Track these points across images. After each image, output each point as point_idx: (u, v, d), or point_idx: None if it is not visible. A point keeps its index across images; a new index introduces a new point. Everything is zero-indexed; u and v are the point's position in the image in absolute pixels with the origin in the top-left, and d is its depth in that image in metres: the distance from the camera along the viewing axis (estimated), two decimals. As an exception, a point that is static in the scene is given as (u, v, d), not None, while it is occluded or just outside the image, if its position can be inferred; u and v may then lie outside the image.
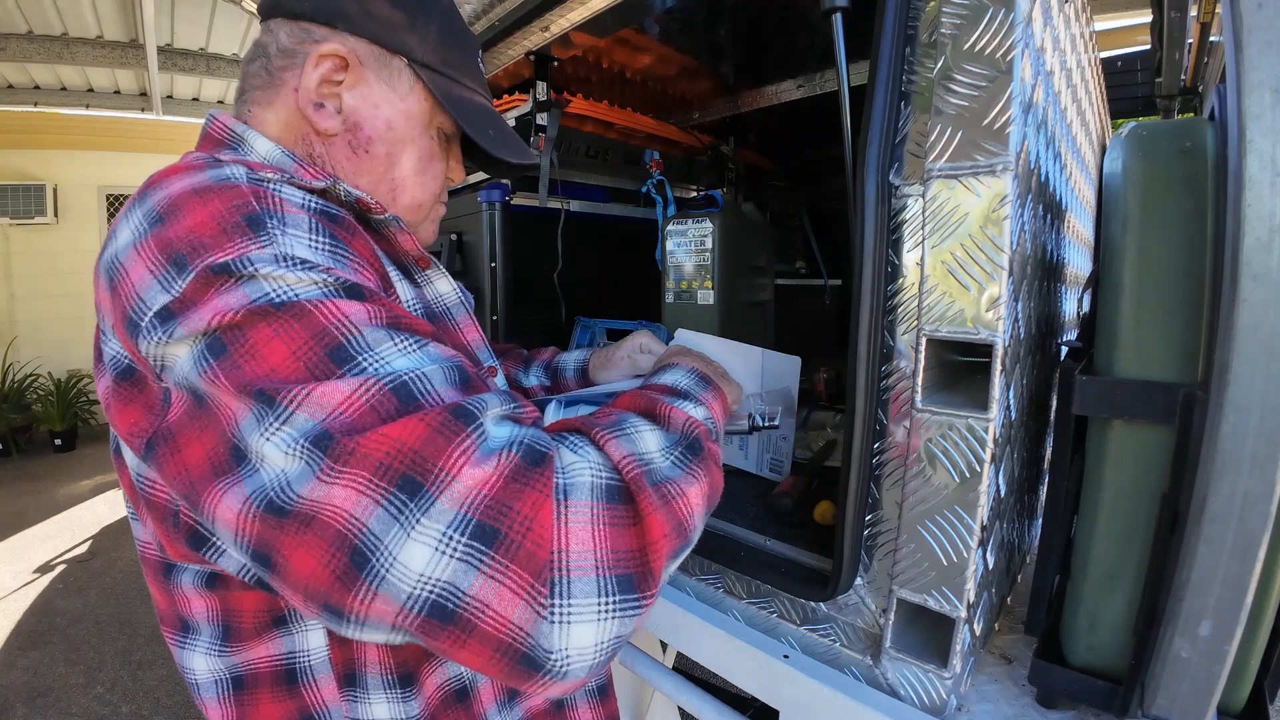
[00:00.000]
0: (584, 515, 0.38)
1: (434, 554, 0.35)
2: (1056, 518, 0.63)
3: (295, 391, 0.37)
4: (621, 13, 1.02)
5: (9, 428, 4.85)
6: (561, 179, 1.49)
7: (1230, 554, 0.44)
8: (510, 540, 0.36)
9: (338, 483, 0.36)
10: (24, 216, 5.22)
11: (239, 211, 0.42)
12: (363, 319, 0.41)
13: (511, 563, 0.36)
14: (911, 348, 0.58)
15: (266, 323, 0.39)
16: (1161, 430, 0.52)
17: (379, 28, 0.57)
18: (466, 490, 0.36)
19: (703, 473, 0.47)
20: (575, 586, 0.37)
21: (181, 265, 0.40)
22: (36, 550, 3.30)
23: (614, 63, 1.43)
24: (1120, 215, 0.55)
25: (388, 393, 0.38)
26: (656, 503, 0.41)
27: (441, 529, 0.35)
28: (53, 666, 2.34)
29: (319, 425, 0.36)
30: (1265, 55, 0.40)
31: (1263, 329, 0.41)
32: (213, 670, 0.53)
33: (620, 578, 0.38)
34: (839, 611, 0.67)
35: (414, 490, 0.36)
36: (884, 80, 0.57)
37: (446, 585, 0.35)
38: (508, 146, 0.65)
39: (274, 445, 0.37)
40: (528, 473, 0.38)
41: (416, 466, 0.36)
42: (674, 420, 0.50)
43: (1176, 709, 0.48)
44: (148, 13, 3.24)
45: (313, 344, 0.38)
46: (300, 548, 0.36)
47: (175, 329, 0.40)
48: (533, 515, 0.37)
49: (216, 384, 0.38)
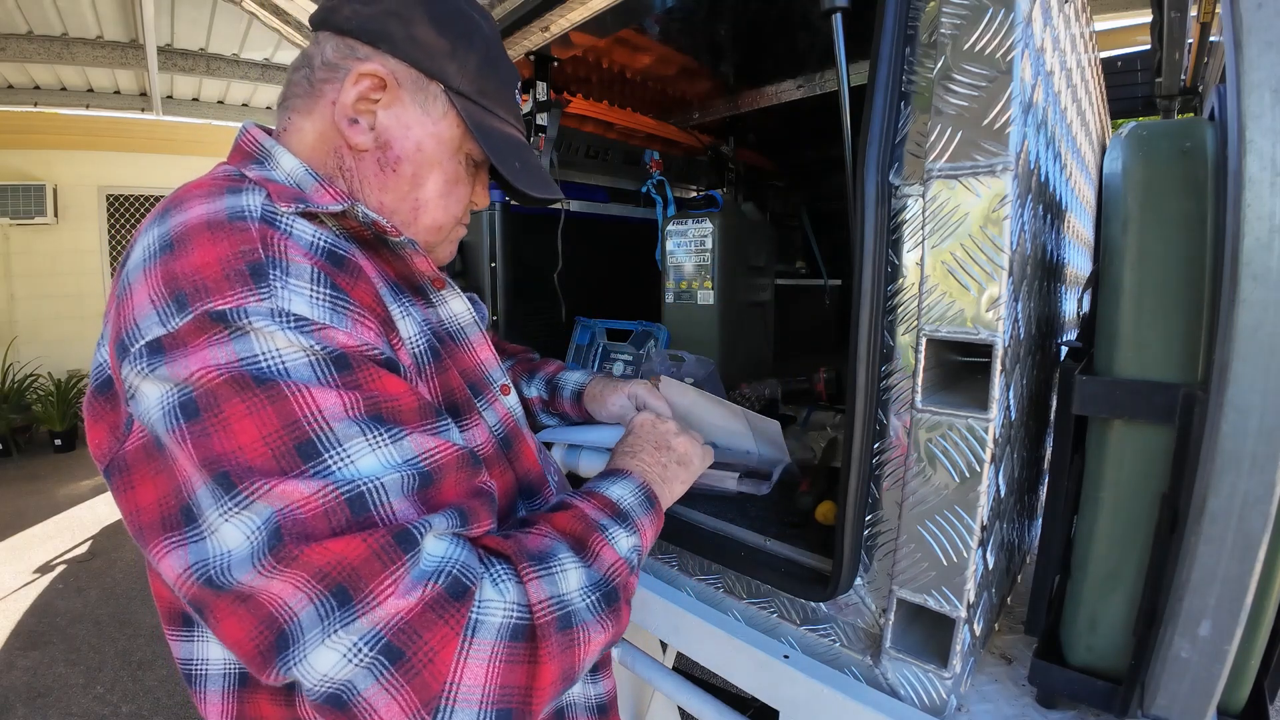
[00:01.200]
0: (484, 653, 0.42)
1: (341, 660, 0.39)
2: (1056, 518, 0.63)
3: (259, 483, 0.39)
4: (621, 13, 1.02)
5: (9, 428, 4.85)
6: (561, 179, 1.49)
7: (1230, 554, 0.44)
8: (412, 666, 0.39)
9: (276, 578, 0.39)
10: (24, 217, 5.22)
11: (245, 258, 0.44)
12: (337, 411, 0.42)
13: (408, 684, 0.39)
14: (911, 348, 0.58)
15: (242, 397, 0.41)
16: (1161, 430, 0.52)
17: (420, 53, 0.59)
18: (386, 616, 0.39)
19: (611, 623, 0.50)
20: (457, 716, 0.40)
21: (182, 304, 0.42)
22: (36, 550, 3.30)
23: (614, 63, 1.43)
24: (1120, 215, 0.55)
25: (343, 502, 0.40)
26: (556, 652, 0.44)
27: (354, 641, 0.39)
28: (53, 666, 2.34)
29: (275, 519, 0.39)
30: (1265, 55, 0.40)
31: (1263, 329, 0.41)
32: (225, 660, 0.54)
33: (500, 711, 0.42)
34: (839, 611, 0.67)
35: (343, 600, 0.39)
36: (884, 80, 0.57)
37: (346, 684, 0.39)
38: (532, 180, 0.66)
39: (230, 526, 0.40)
40: (445, 606, 0.41)
41: (350, 581, 0.39)
42: (602, 559, 0.52)
43: (1176, 709, 0.48)
44: (148, 13, 3.24)
45: (283, 433, 0.41)
46: (232, 617, 0.40)
47: (160, 365, 0.42)
48: (438, 649, 0.40)
49: (182, 445, 0.41)
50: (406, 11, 0.59)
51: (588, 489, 0.61)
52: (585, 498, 0.58)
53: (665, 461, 0.68)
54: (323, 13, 0.61)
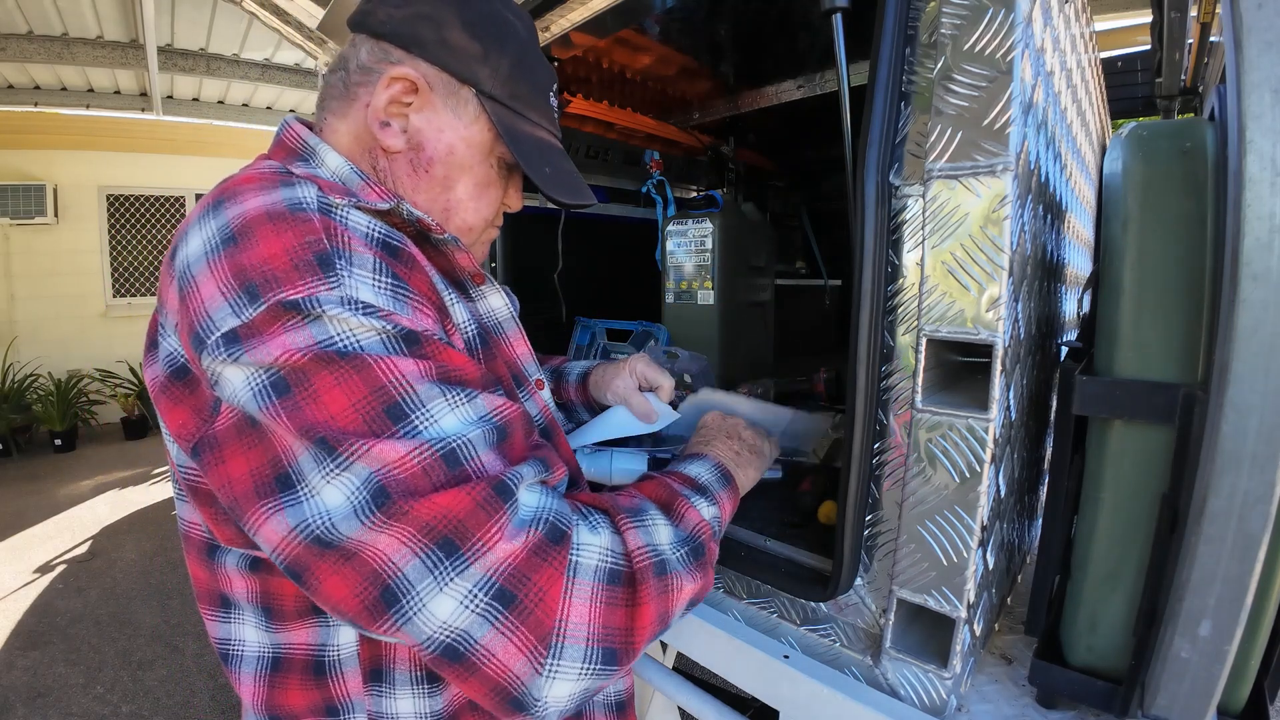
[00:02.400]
0: (585, 593, 0.45)
1: (459, 607, 0.42)
2: (1056, 518, 0.63)
3: (357, 445, 0.42)
4: (622, 13, 1.02)
5: (9, 428, 4.85)
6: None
7: (1230, 554, 0.44)
8: (525, 607, 0.43)
9: (384, 532, 0.41)
10: (24, 217, 5.22)
11: (311, 249, 0.45)
12: (416, 376, 0.45)
13: (522, 625, 0.43)
14: (911, 348, 0.58)
15: (329, 370, 0.43)
16: (1161, 430, 0.52)
17: (452, 57, 0.59)
18: (497, 561, 0.42)
19: (700, 575, 0.53)
20: (567, 651, 0.44)
21: (254, 295, 0.44)
22: (36, 550, 3.30)
23: (614, 63, 1.43)
24: (1120, 215, 0.55)
25: (439, 459, 0.43)
26: (654, 594, 0.48)
27: (470, 588, 0.42)
28: (53, 666, 2.34)
29: (376, 479, 0.41)
30: (1265, 55, 0.40)
31: (1263, 329, 0.41)
32: (260, 644, 0.55)
33: (605, 650, 0.45)
34: (839, 612, 0.67)
35: (452, 551, 0.41)
36: (884, 80, 0.57)
37: (462, 633, 0.42)
38: (562, 185, 0.66)
39: (333, 487, 0.42)
40: (548, 549, 0.44)
41: (458, 533, 0.42)
42: (687, 520, 0.56)
43: (1176, 709, 0.48)
44: (148, 13, 3.24)
45: (371, 399, 0.43)
46: (335, 575, 0.42)
47: (241, 354, 0.43)
48: (546, 588, 0.43)
49: (277, 419, 0.42)
50: (439, 15, 0.59)
51: (668, 469, 0.64)
52: (666, 474, 0.62)
53: (738, 449, 0.71)
54: (359, 15, 0.61)
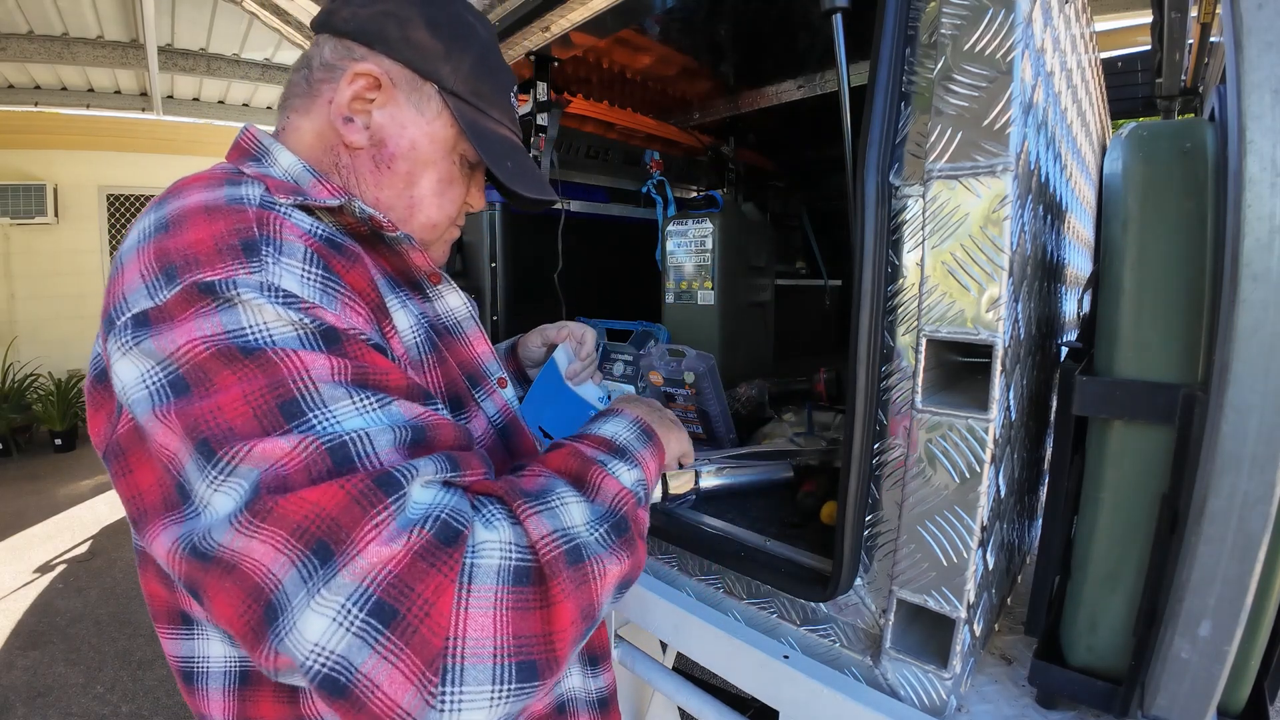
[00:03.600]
0: (486, 600, 0.38)
1: (331, 624, 0.35)
2: (1056, 518, 0.63)
3: (238, 447, 0.38)
4: (622, 13, 1.02)
5: (9, 428, 4.85)
6: (562, 179, 1.49)
7: (1230, 554, 0.44)
8: (407, 623, 0.36)
9: (255, 537, 0.36)
10: (24, 216, 5.22)
11: (238, 235, 0.43)
12: (325, 373, 0.41)
13: (406, 646, 0.35)
14: (911, 348, 0.58)
15: (231, 369, 0.39)
16: (1161, 431, 0.52)
17: (415, 54, 0.60)
18: (370, 567, 0.36)
19: (626, 554, 0.46)
20: (468, 674, 0.36)
21: (171, 276, 0.42)
22: (36, 550, 3.30)
23: (614, 63, 1.43)
24: (1120, 216, 0.55)
25: (324, 452, 0.38)
26: (570, 588, 0.40)
27: (341, 602, 0.35)
28: (53, 666, 2.34)
29: (260, 479, 0.37)
30: (1265, 56, 0.40)
31: (1263, 330, 0.41)
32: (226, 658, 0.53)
33: (521, 664, 0.38)
34: (839, 612, 0.67)
35: (325, 557, 0.36)
36: (884, 81, 0.57)
37: (340, 659, 0.35)
38: (524, 180, 0.66)
39: (220, 495, 0.38)
40: (436, 553, 0.37)
41: (331, 534, 0.36)
42: (604, 491, 0.49)
43: (1176, 709, 0.48)
44: (148, 13, 3.24)
45: (267, 393, 0.39)
46: (222, 593, 0.37)
47: (145, 340, 0.41)
48: (433, 600, 0.36)
49: (165, 420, 0.40)
50: (402, 14, 0.60)
51: (579, 432, 0.58)
52: (577, 438, 0.55)
53: (661, 415, 0.66)
54: (323, 15, 0.62)
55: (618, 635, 0.91)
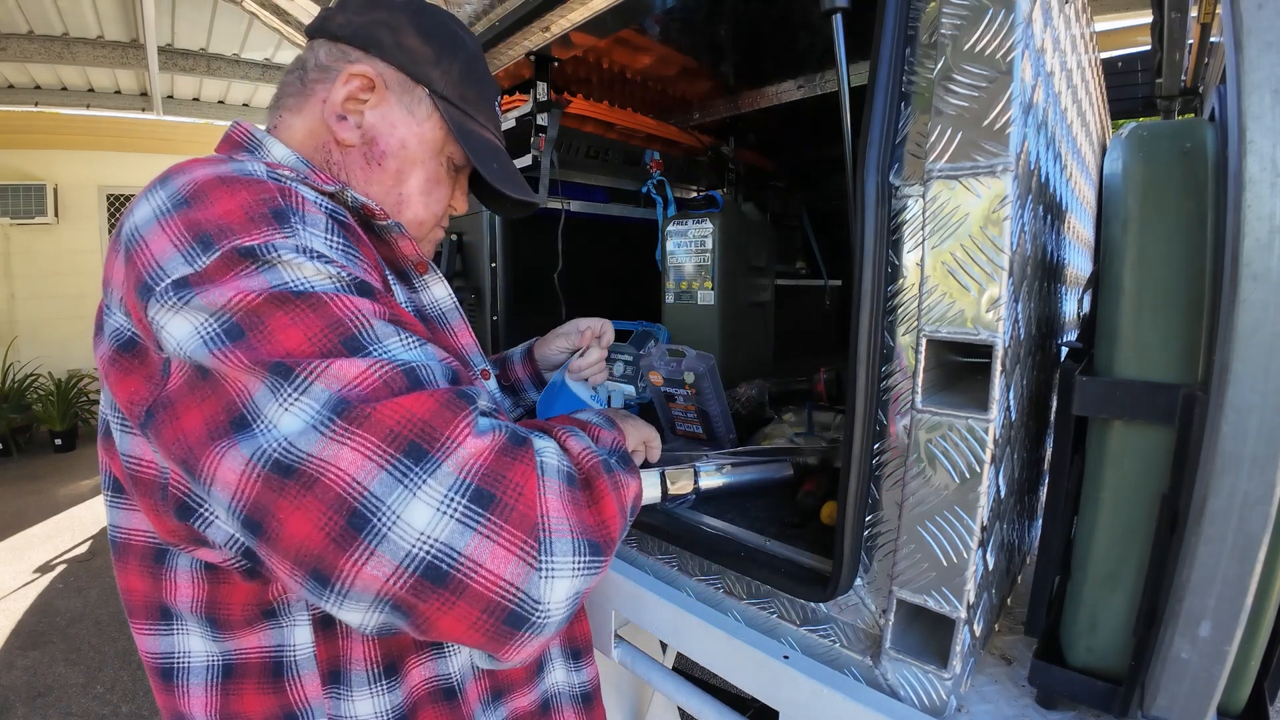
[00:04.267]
0: (556, 490, 0.44)
1: (436, 513, 0.38)
2: (1056, 518, 0.63)
3: (314, 365, 0.40)
4: (622, 13, 1.02)
5: (9, 428, 4.85)
6: (562, 179, 1.49)
7: (1230, 555, 0.44)
8: (505, 504, 0.40)
9: (347, 444, 0.38)
10: (24, 216, 5.23)
11: (266, 204, 0.45)
12: (371, 313, 0.44)
13: (506, 523, 0.40)
14: (911, 348, 0.58)
15: (284, 311, 0.41)
16: (1161, 431, 0.52)
17: (407, 59, 0.63)
18: (468, 458, 0.40)
19: (633, 477, 0.52)
20: (557, 545, 0.42)
21: (208, 244, 0.43)
22: (36, 550, 3.30)
23: (614, 63, 1.43)
24: (1120, 216, 0.55)
25: (399, 373, 0.42)
26: (608, 489, 0.47)
27: (445, 491, 0.39)
28: (53, 666, 2.34)
29: (335, 394, 0.39)
30: (1265, 56, 0.40)
31: (1263, 330, 0.41)
32: (208, 653, 0.54)
33: (590, 542, 0.44)
34: (839, 612, 0.67)
35: (420, 456, 0.39)
36: (884, 81, 0.57)
37: (444, 546, 0.38)
38: (509, 181, 0.69)
39: (291, 413, 0.39)
40: (514, 449, 0.43)
41: (424, 435, 0.39)
42: (602, 438, 0.56)
43: (1176, 710, 0.48)
44: (148, 13, 3.24)
45: (328, 331, 0.42)
46: (297, 511, 0.37)
47: (192, 298, 0.42)
48: (523, 484, 0.42)
49: (227, 361, 0.40)
50: (395, 22, 0.63)
51: None
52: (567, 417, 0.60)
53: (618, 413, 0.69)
54: (317, 21, 0.65)
55: (618, 635, 0.91)
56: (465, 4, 1.13)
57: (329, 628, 0.55)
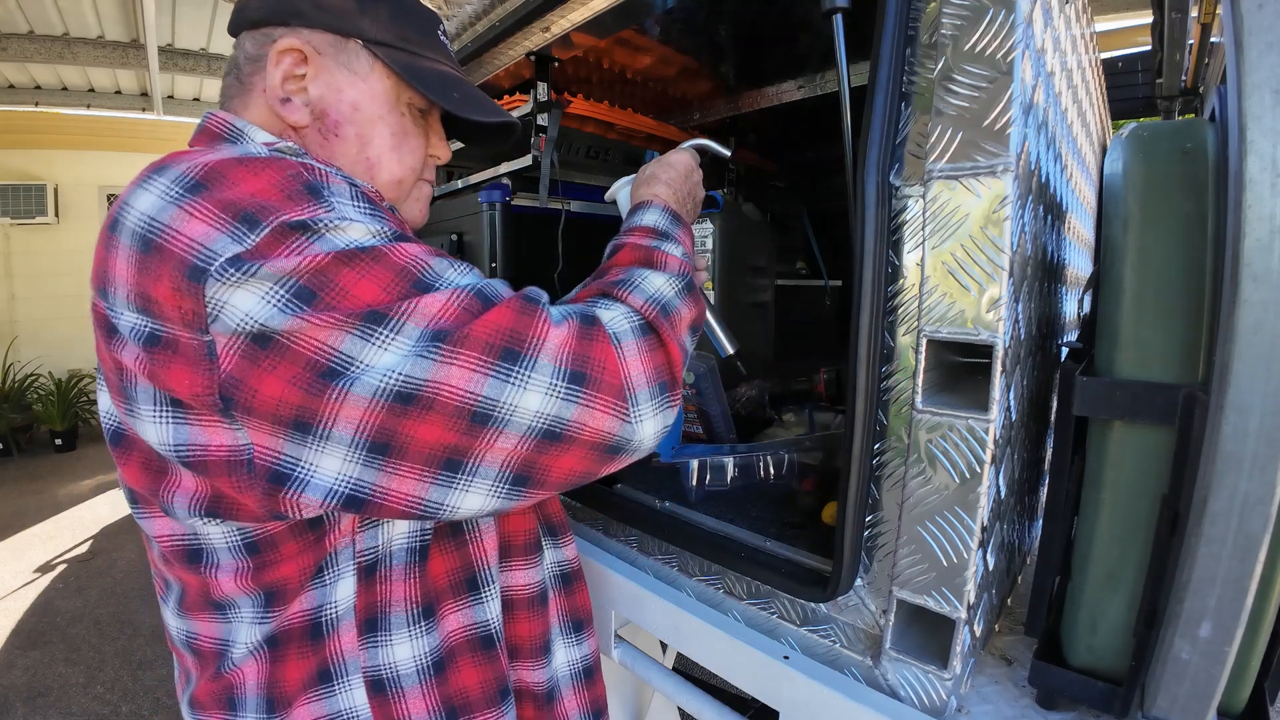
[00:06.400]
0: (633, 350, 0.52)
1: (544, 397, 0.47)
2: (1057, 519, 0.63)
3: (401, 306, 0.45)
4: (622, 14, 1.02)
5: (9, 428, 4.85)
6: (562, 179, 1.49)
7: (1230, 555, 0.44)
8: (597, 379, 0.49)
9: (454, 363, 0.45)
10: (24, 216, 5.23)
11: (298, 180, 0.47)
12: (424, 253, 0.49)
13: (599, 393, 0.49)
14: (912, 348, 0.58)
15: (351, 268, 0.45)
16: (1162, 431, 0.52)
17: (329, 16, 0.60)
18: (556, 348, 0.48)
19: (693, 303, 0.60)
20: (640, 396, 0.51)
21: (253, 222, 0.43)
22: (37, 550, 3.30)
23: (615, 63, 1.43)
24: (1121, 216, 0.55)
25: (472, 297, 0.48)
26: (669, 331, 0.55)
27: (547, 380, 0.47)
28: (53, 666, 2.34)
29: (429, 327, 0.45)
30: (1266, 56, 0.40)
31: (1263, 330, 0.41)
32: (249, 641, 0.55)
33: (662, 384, 0.53)
34: (839, 612, 0.67)
35: (514, 357, 0.46)
36: (884, 81, 0.57)
37: (555, 417, 0.48)
38: (474, 105, 0.66)
39: (390, 353, 0.44)
40: (590, 331, 0.51)
41: (514, 339, 0.47)
42: (670, 264, 0.61)
43: (1177, 710, 0.48)
44: (149, 13, 3.24)
45: (398, 279, 0.46)
46: (423, 424, 0.45)
47: (257, 268, 0.43)
48: (604, 359, 0.50)
49: (309, 320, 0.43)
50: None
51: (628, 226, 0.69)
52: (631, 233, 0.66)
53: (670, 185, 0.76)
54: (234, 17, 0.62)
55: (618, 635, 0.91)
56: (465, 4, 1.13)
57: (371, 575, 0.56)
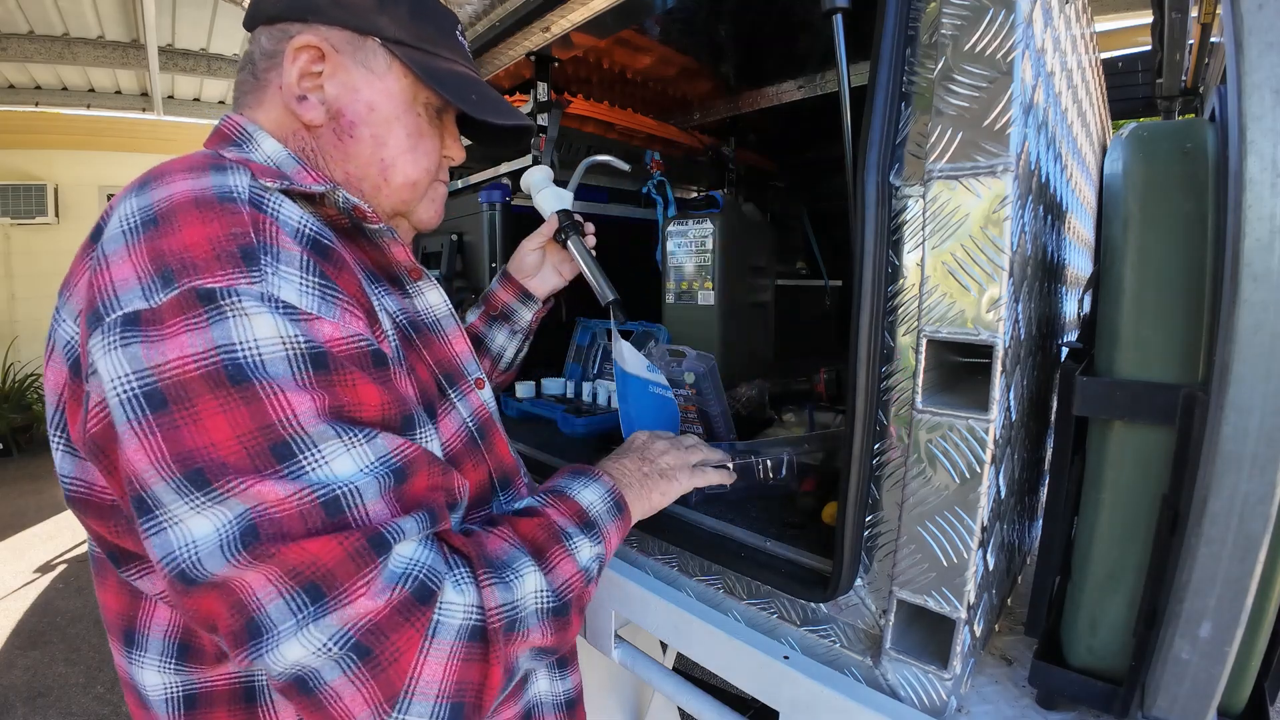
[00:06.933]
0: (443, 653, 0.44)
1: (311, 654, 0.40)
2: (1057, 519, 0.63)
3: (233, 482, 0.39)
4: (622, 13, 1.02)
5: (9, 427, 4.85)
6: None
7: (1230, 555, 0.44)
8: (379, 663, 0.41)
9: (250, 571, 0.39)
10: (25, 216, 5.23)
11: (236, 240, 0.43)
12: (312, 414, 0.42)
13: (373, 680, 0.41)
14: (912, 349, 0.58)
15: (214, 395, 0.40)
16: (1162, 431, 0.52)
17: (348, 14, 0.58)
18: (357, 616, 0.41)
19: (554, 632, 0.51)
20: (414, 708, 0.42)
21: (168, 280, 0.41)
22: (36, 550, 3.30)
23: (615, 63, 1.43)
24: (1121, 216, 0.55)
25: (318, 505, 0.41)
26: (500, 650, 0.46)
27: (325, 640, 0.40)
28: (53, 666, 2.34)
29: (249, 516, 0.39)
30: (1266, 56, 0.40)
31: (1263, 330, 0.41)
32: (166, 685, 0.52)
33: (454, 705, 0.44)
34: (839, 612, 0.67)
35: (316, 597, 0.40)
36: (884, 81, 0.57)
37: (314, 672, 0.40)
38: (491, 108, 0.65)
39: (201, 518, 0.39)
40: (411, 609, 0.42)
41: (324, 580, 0.40)
42: (559, 572, 0.53)
43: (1177, 710, 0.48)
44: (149, 13, 3.24)
45: (258, 435, 0.40)
46: (205, 599, 0.40)
47: (133, 344, 0.40)
48: (402, 649, 0.42)
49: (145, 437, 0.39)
50: None
51: (558, 490, 0.60)
52: (554, 502, 0.59)
53: (647, 471, 0.69)
54: (250, 12, 0.61)
55: (618, 635, 0.91)
56: (465, 4, 1.13)
57: None
